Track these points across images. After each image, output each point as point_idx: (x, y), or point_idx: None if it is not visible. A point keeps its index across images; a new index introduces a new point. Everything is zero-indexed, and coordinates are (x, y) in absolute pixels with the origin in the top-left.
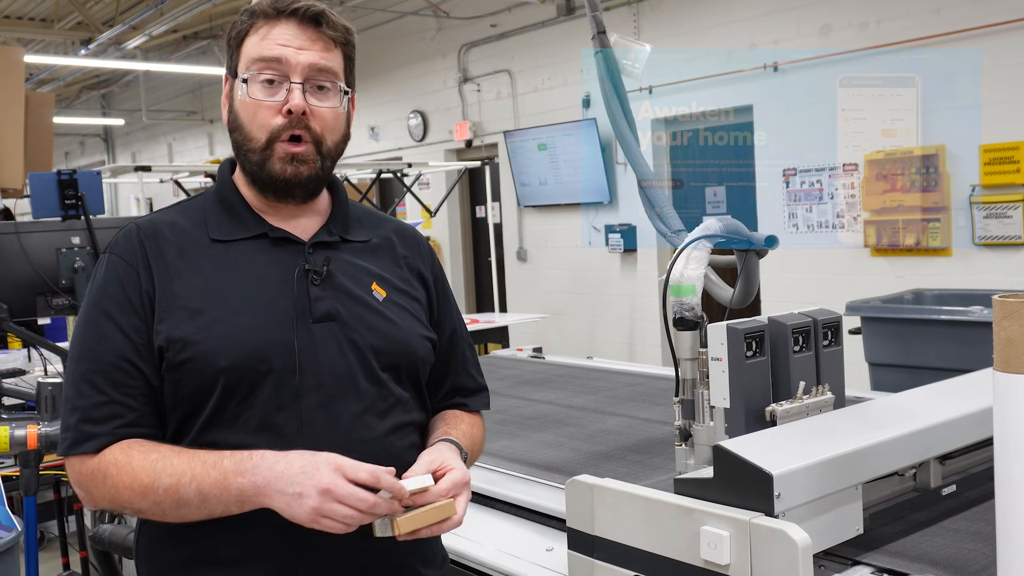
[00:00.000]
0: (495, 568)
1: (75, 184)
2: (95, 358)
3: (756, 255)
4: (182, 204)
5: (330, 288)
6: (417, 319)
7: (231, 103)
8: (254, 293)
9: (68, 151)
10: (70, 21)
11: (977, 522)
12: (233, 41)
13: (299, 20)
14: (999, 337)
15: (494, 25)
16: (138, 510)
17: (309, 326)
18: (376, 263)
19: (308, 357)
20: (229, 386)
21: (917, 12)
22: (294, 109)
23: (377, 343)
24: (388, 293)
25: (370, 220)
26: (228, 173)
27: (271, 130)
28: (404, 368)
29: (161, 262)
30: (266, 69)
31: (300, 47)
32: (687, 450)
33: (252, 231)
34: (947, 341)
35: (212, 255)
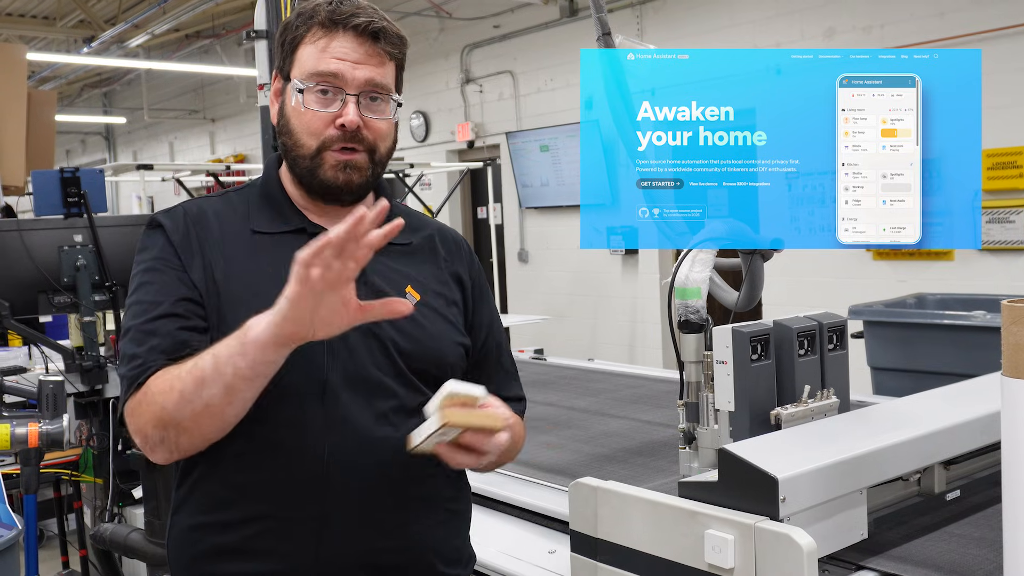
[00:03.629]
0: (497, 570)
1: (78, 182)
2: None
3: (761, 257)
4: (227, 194)
5: (363, 287)
6: (451, 324)
7: (282, 105)
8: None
9: (70, 149)
10: (72, 19)
11: (981, 527)
12: (288, 44)
13: (357, 34)
14: (1007, 342)
15: (497, 26)
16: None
17: None
18: (414, 266)
19: (337, 354)
20: None
21: (921, 16)
22: (348, 125)
23: (407, 346)
24: (422, 296)
25: (412, 222)
26: (275, 168)
27: (323, 139)
28: (432, 371)
29: (205, 244)
30: (322, 82)
31: (357, 61)
32: (691, 453)
33: (292, 225)
34: (950, 346)
35: (252, 245)
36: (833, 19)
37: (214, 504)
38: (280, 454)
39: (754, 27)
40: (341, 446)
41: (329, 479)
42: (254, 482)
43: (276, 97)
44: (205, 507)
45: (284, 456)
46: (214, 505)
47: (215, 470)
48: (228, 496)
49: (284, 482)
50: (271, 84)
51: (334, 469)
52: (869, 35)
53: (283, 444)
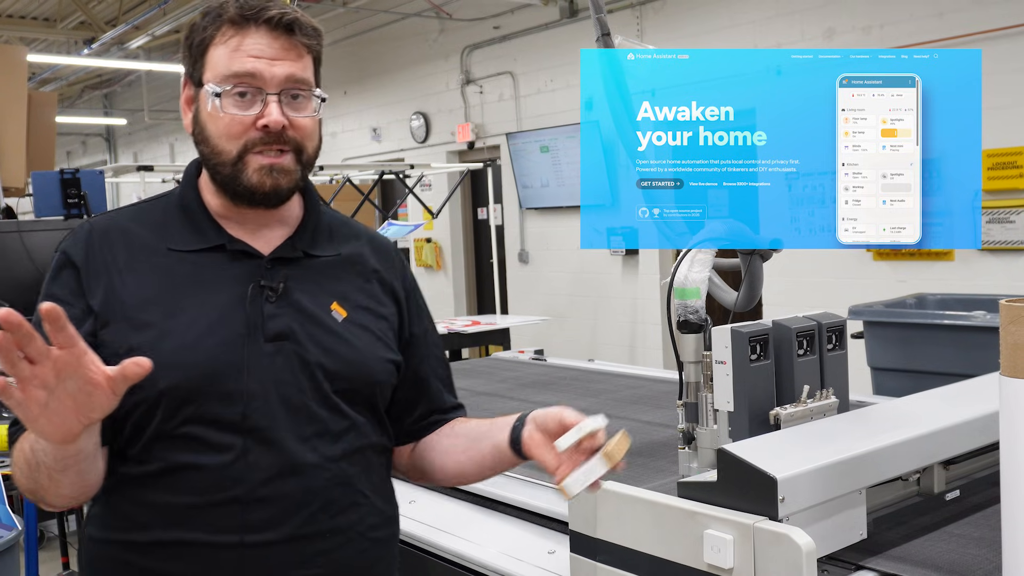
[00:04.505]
0: (497, 570)
1: (78, 183)
2: None
3: (760, 258)
4: (142, 205)
5: (286, 306)
6: (381, 340)
7: (196, 113)
8: (205, 308)
9: (70, 150)
10: (73, 20)
11: (981, 527)
12: (196, 48)
13: (271, 28)
14: (1006, 342)
15: (497, 27)
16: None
17: (261, 345)
18: (341, 280)
19: (257, 377)
20: (172, 405)
21: (920, 16)
22: (272, 125)
23: (331, 365)
24: (349, 313)
25: (342, 231)
26: (193, 178)
27: (244, 142)
28: (360, 392)
29: (112, 266)
30: (239, 84)
31: (273, 58)
32: (690, 453)
33: (210, 242)
34: (950, 346)
35: (166, 264)
36: (833, 19)
37: (128, 523)
38: (199, 481)
39: (754, 27)
40: (261, 473)
41: (249, 507)
42: (172, 506)
43: (188, 105)
44: (118, 524)
45: (203, 483)
46: (128, 524)
47: (129, 489)
48: (143, 516)
49: (203, 508)
50: (182, 92)
51: (254, 496)
52: (869, 35)
53: (202, 471)
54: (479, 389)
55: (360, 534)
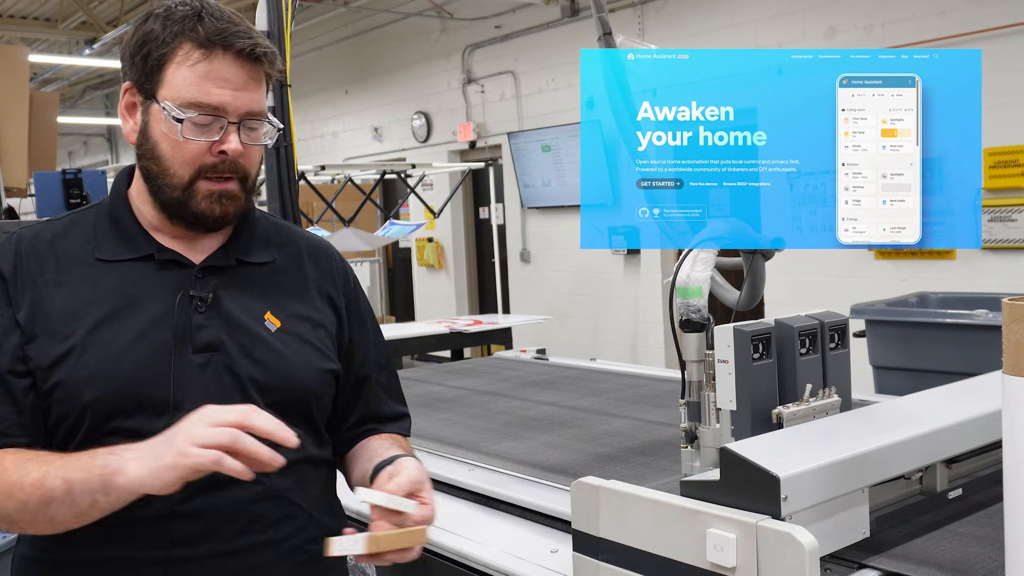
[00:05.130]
0: (499, 570)
1: (80, 183)
2: None
3: (763, 257)
4: (72, 216)
5: (216, 316)
6: (317, 350)
7: (145, 127)
8: (132, 319)
9: (72, 151)
10: (74, 21)
11: (984, 526)
12: (152, 60)
13: (236, 55)
14: (1008, 340)
15: (498, 26)
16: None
17: (188, 356)
18: (276, 288)
19: (184, 390)
20: (97, 419)
21: (922, 15)
22: (231, 153)
23: (262, 377)
24: (283, 322)
25: (279, 237)
26: (123, 187)
27: (198, 167)
28: (292, 403)
29: (40, 278)
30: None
31: (237, 88)
32: (693, 452)
33: (139, 251)
34: (952, 345)
35: (93, 276)
36: (834, 18)
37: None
38: None
39: (755, 27)
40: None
41: (174, 521)
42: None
43: (130, 112)
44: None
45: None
46: (53, 541)
47: None
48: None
49: (127, 524)
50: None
51: (179, 511)
52: (870, 34)
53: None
54: (481, 388)
55: (297, 547)
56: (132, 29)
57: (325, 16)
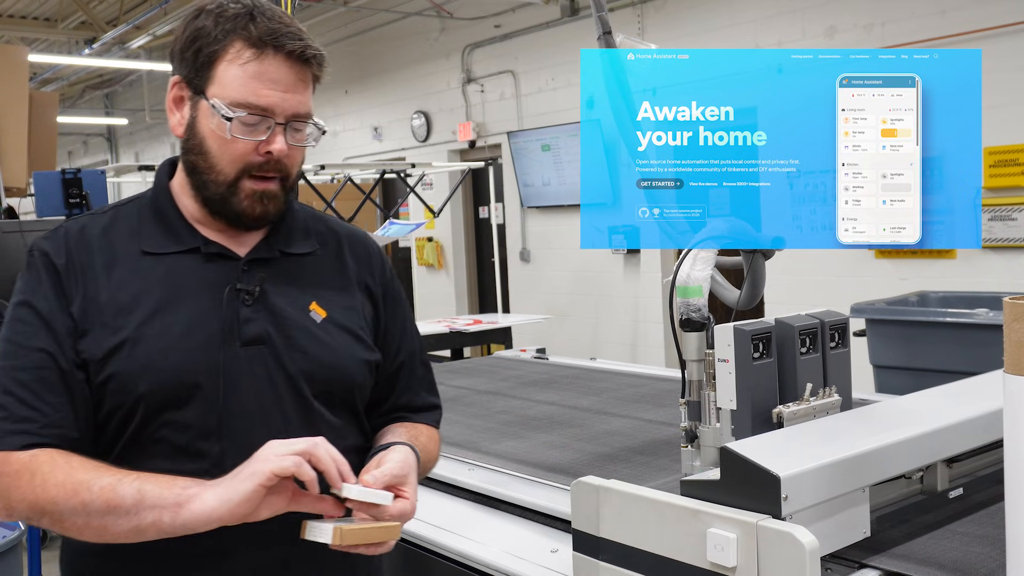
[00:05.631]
0: (499, 569)
1: (79, 183)
2: (24, 355)
3: (763, 256)
4: (115, 209)
5: (262, 309)
6: (359, 340)
7: (193, 122)
8: (182, 313)
9: (71, 150)
10: (74, 20)
11: (984, 525)
12: (203, 56)
13: (286, 56)
14: (1010, 339)
15: (498, 26)
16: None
17: (236, 349)
18: (319, 278)
19: (234, 382)
20: (151, 410)
21: (922, 14)
22: (277, 154)
23: (309, 368)
24: (328, 312)
25: (318, 229)
26: (165, 180)
27: (244, 165)
28: (338, 394)
29: (89, 272)
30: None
31: (286, 90)
32: (693, 452)
33: (185, 244)
34: (952, 343)
35: (141, 269)
36: (834, 17)
37: None
38: None
39: (755, 26)
40: None
41: None
42: None
43: (177, 106)
44: None
45: None
46: None
47: None
48: None
49: None
50: (169, 89)
51: None
52: (870, 33)
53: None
54: (481, 388)
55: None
56: (182, 24)
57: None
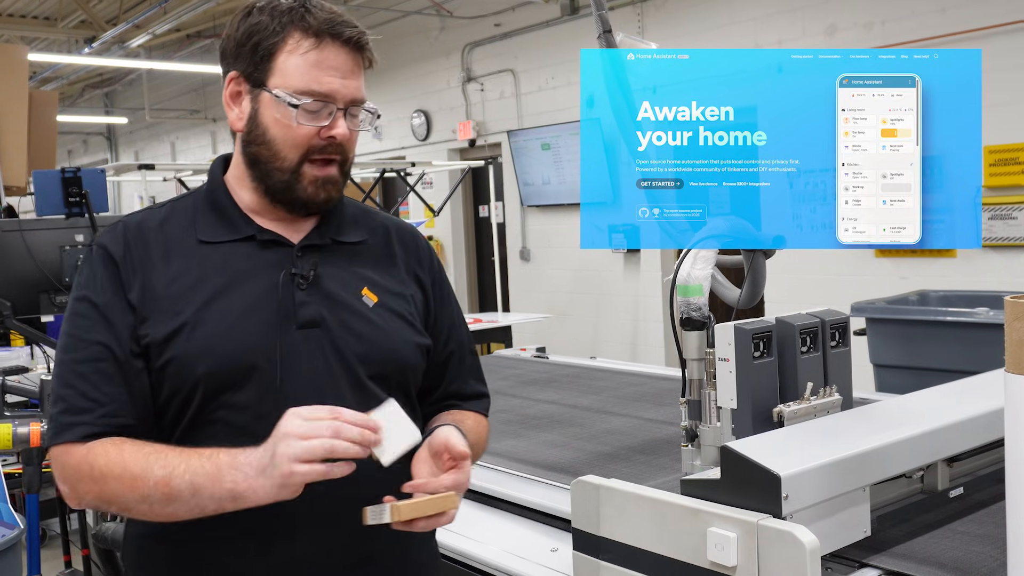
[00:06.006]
0: (499, 568)
1: (79, 182)
2: (83, 348)
3: (763, 255)
4: (172, 203)
5: (317, 293)
6: (410, 325)
7: (255, 114)
8: (238, 297)
9: (71, 149)
10: (74, 19)
11: (985, 524)
12: (261, 49)
13: (343, 44)
14: (1011, 339)
15: (498, 24)
16: (125, 505)
17: (293, 332)
18: (369, 266)
19: (290, 364)
20: (209, 392)
21: (922, 12)
22: (340, 138)
23: (363, 350)
24: (380, 298)
25: (367, 219)
26: (220, 173)
27: (306, 150)
28: (392, 376)
29: (147, 262)
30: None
31: (345, 76)
32: (693, 451)
33: (240, 233)
34: (952, 343)
35: (198, 257)
36: (834, 16)
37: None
38: None
39: (755, 24)
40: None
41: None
42: None
43: (234, 101)
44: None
45: None
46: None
47: None
48: None
49: None
50: (225, 86)
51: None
52: (870, 32)
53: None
54: None
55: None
56: (234, 24)
57: None
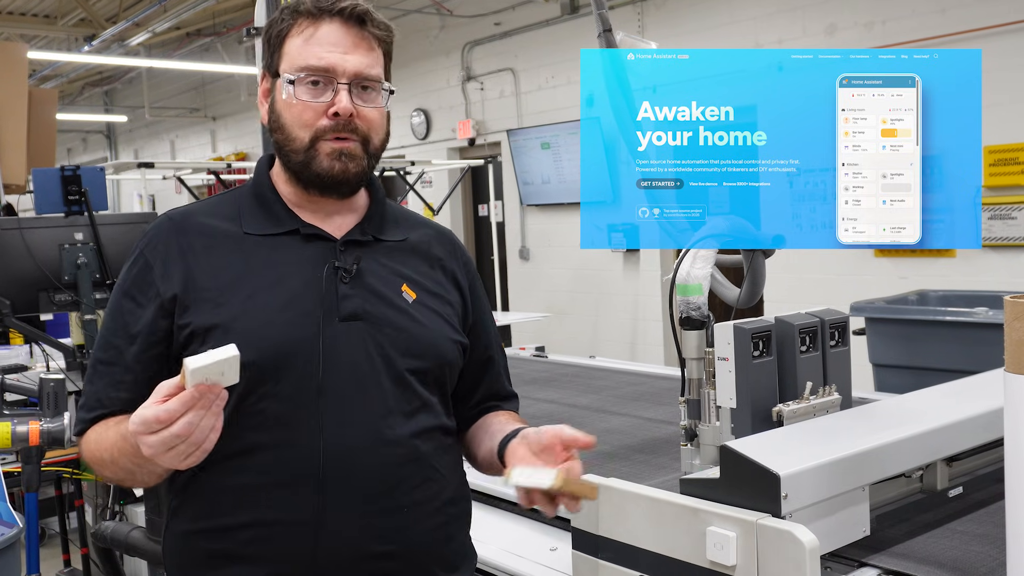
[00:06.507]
0: (499, 568)
1: (79, 180)
2: (103, 349)
3: (763, 255)
4: (219, 197)
5: (359, 287)
6: (448, 323)
7: (272, 102)
8: (282, 289)
9: (71, 147)
10: (73, 17)
11: (984, 524)
12: (274, 40)
13: (344, 20)
14: (1010, 338)
15: (498, 23)
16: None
17: (335, 325)
18: (409, 264)
19: (332, 356)
20: (251, 382)
21: (923, 12)
22: (342, 112)
23: (404, 344)
24: (419, 295)
25: (407, 221)
26: (265, 168)
27: (316, 130)
28: (431, 371)
29: (190, 255)
30: (313, 74)
31: (346, 50)
32: (693, 450)
33: (284, 226)
34: (952, 342)
35: (243, 249)
36: (835, 15)
37: (207, 510)
38: (274, 459)
39: (755, 24)
40: (336, 450)
41: (325, 484)
42: (248, 487)
43: (265, 97)
44: (199, 513)
45: (278, 461)
46: (208, 511)
47: (206, 476)
48: (221, 501)
49: (279, 487)
50: (260, 86)
51: (329, 473)
52: (871, 31)
53: (277, 449)
54: None
55: (437, 509)
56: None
57: None
